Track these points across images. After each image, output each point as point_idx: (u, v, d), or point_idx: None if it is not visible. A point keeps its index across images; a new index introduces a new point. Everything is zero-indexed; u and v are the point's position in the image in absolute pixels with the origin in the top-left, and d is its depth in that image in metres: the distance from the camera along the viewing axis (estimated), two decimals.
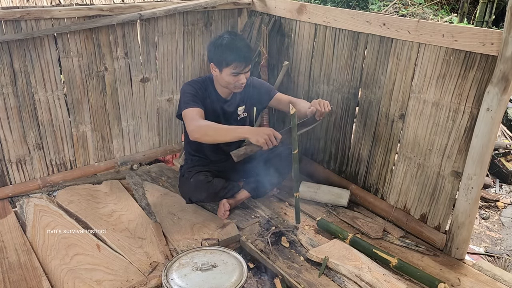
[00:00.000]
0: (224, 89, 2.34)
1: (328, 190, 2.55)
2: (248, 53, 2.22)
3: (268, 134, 1.98)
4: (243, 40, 2.26)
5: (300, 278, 1.92)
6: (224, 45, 2.18)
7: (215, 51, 2.21)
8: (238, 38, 2.23)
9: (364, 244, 2.10)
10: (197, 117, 2.17)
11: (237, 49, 2.17)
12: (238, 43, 2.18)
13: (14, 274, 1.91)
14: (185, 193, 2.46)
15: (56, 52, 2.44)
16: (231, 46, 2.17)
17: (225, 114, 2.40)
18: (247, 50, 2.22)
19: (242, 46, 2.19)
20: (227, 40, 2.19)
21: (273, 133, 2.00)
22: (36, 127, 2.50)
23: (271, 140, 1.99)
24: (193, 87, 2.30)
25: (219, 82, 2.30)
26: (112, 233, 2.22)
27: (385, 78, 2.27)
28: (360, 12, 2.36)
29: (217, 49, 2.19)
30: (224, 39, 2.20)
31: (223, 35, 2.25)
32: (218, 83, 2.32)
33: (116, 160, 2.86)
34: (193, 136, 2.13)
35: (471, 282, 1.95)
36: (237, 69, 2.19)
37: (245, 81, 2.26)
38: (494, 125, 1.84)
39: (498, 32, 1.77)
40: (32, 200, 2.47)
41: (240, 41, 2.21)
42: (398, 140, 2.30)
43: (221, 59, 2.19)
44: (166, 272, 1.78)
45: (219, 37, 2.24)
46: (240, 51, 2.17)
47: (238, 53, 2.16)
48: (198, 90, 2.29)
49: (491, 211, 3.06)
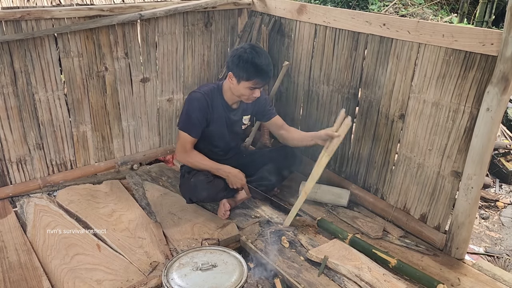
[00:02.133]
0: (233, 97, 2.34)
1: (328, 190, 2.55)
2: (270, 72, 2.22)
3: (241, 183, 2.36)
4: (267, 58, 2.23)
5: (300, 278, 1.92)
6: (250, 61, 2.16)
7: (238, 64, 2.19)
8: (264, 56, 2.20)
9: (363, 244, 2.10)
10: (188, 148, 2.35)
11: (261, 68, 2.17)
12: (263, 62, 2.17)
13: (14, 274, 1.91)
14: (186, 193, 2.46)
15: (57, 52, 2.44)
16: (257, 63, 2.16)
17: (231, 122, 2.42)
18: (270, 69, 2.22)
19: (266, 65, 2.19)
20: (253, 55, 2.16)
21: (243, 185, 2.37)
22: (36, 127, 2.50)
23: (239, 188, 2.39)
24: (199, 104, 2.30)
25: (232, 91, 2.30)
26: (112, 233, 2.22)
27: (385, 78, 2.27)
28: (360, 12, 2.36)
29: (241, 63, 2.17)
30: (250, 53, 2.17)
31: (248, 48, 2.21)
32: (230, 92, 2.32)
33: (117, 160, 2.86)
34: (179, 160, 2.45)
35: (471, 282, 1.95)
36: (257, 86, 2.22)
37: (259, 95, 2.28)
38: (494, 125, 1.84)
39: (498, 32, 1.77)
40: (33, 200, 2.47)
41: (265, 59, 2.20)
42: (398, 140, 2.30)
43: (243, 73, 2.19)
44: (166, 272, 1.78)
45: (245, 51, 2.19)
46: (264, 70, 2.18)
47: (261, 72, 2.18)
48: (202, 109, 2.30)
49: (491, 211, 3.06)
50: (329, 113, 2.65)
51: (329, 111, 2.65)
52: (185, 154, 2.35)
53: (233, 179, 2.33)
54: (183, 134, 2.33)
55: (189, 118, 2.30)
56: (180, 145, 2.36)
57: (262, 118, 2.56)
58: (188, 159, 2.36)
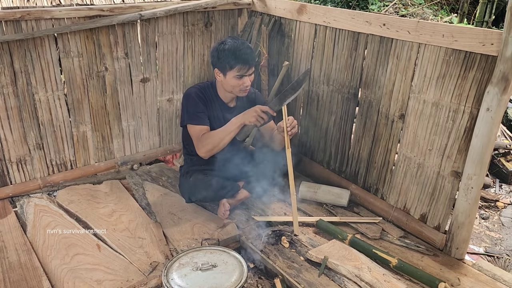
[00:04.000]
0: (227, 94, 2.36)
1: (328, 190, 2.55)
2: (251, 55, 2.25)
3: (256, 111, 2.17)
4: (245, 43, 2.28)
5: (300, 278, 1.92)
6: (227, 50, 2.21)
7: (218, 56, 2.24)
8: (240, 42, 2.26)
9: (363, 244, 2.10)
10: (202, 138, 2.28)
11: (240, 52, 2.20)
12: (240, 46, 2.22)
13: (14, 274, 1.91)
14: (185, 192, 2.46)
15: (57, 52, 2.44)
16: (234, 49, 2.20)
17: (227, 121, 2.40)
18: (250, 52, 2.25)
19: (245, 48, 2.23)
20: (230, 44, 2.22)
21: (260, 109, 2.18)
22: (36, 127, 2.50)
23: (262, 116, 2.17)
24: (196, 97, 2.32)
25: (223, 87, 2.33)
26: (112, 233, 2.22)
27: (385, 78, 2.27)
28: (360, 12, 2.36)
29: (220, 54, 2.23)
30: (226, 43, 2.24)
31: (225, 40, 2.28)
32: (222, 88, 2.35)
33: (117, 160, 2.86)
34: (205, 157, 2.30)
35: (471, 282, 1.95)
36: (241, 71, 2.23)
37: (249, 84, 2.29)
38: (494, 125, 1.84)
39: (498, 32, 1.77)
40: (33, 200, 2.47)
41: (243, 44, 2.25)
42: (398, 140, 2.30)
43: (225, 63, 2.22)
44: (166, 272, 1.78)
45: (221, 43, 2.27)
46: (243, 53, 2.21)
47: (241, 56, 2.20)
48: (200, 100, 2.32)
49: (491, 211, 3.06)
50: (329, 113, 2.65)
51: (329, 111, 2.65)
52: (201, 143, 2.27)
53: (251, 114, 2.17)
54: (194, 127, 2.30)
55: (192, 110, 2.32)
56: (197, 140, 2.30)
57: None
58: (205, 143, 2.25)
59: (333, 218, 2.39)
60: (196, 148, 2.33)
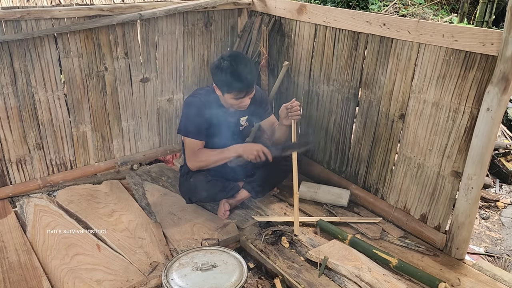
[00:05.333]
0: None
1: (328, 190, 2.55)
2: (249, 80, 2.18)
3: (258, 150, 2.21)
4: (245, 65, 2.17)
5: (300, 278, 1.92)
6: (226, 72, 2.14)
7: (217, 75, 2.19)
8: (241, 64, 2.16)
9: (363, 244, 2.10)
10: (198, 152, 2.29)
11: (238, 78, 2.13)
12: (239, 70, 2.13)
13: (14, 274, 1.91)
14: (185, 193, 2.46)
15: (56, 52, 2.44)
16: (233, 73, 2.13)
17: (228, 124, 2.41)
18: (249, 77, 2.17)
19: (244, 74, 2.14)
20: (229, 66, 2.14)
21: (262, 149, 2.22)
22: (36, 127, 2.50)
23: (260, 156, 2.21)
24: (197, 109, 2.29)
25: (223, 100, 2.30)
26: (112, 233, 2.22)
27: (385, 78, 2.27)
28: (360, 12, 2.36)
29: (219, 74, 2.17)
30: (225, 64, 2.15)
31: (225, 58, 2.18)
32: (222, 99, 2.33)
33: (116, 160, 2.86)
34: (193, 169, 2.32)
35: (471, 282, 1.95)
36: (239, 96, 2.20)
37: (247, 103, 2.27)
38: (494, 125, 1.84)
39: (498, 32, 1.77)
40: (32, 200, 2.47)
41: (242, 68, 2.14)
42: (398, 140, 2.30)
43: (223, 86, 2.19)
44: (166, 272, 1.78)
45: (222, 60, 2.18)
46: (242, 79, 2.14)
47: (239, 82, 2.14)
48: (201, 112, 2.29)
49: (491, 211, 3.06)
50: (329, 113, 2.65)
51: (329, 111, 2.65)
52: (195, 156, 2.29)
53: (251, 151, 2.21)
54: (190, 141, 2.30)
55: (191, 123, 2.29)
56: (190, 152, 2.31)
57: (258, 118, 2.56)
58: (200, 159, 2.28)
59: (333, 218, 2.38)
60: (187, 159, 2.34)
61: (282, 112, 2.30)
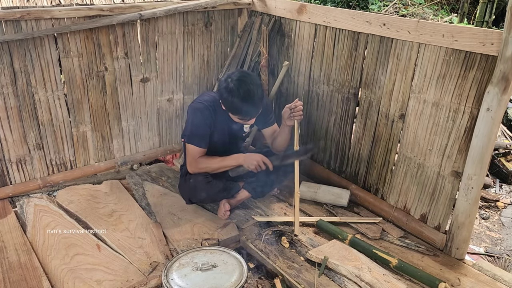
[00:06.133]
0: None
1: (328, 190, 2.55)
2: (256, 106, 2.17)
3: (258, 161, 2.22)
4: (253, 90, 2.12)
5: (300, 278, 1.92)
6: (233, 96, 2.11)
7: (224, 96, 2.16)
8: (249, 90, 2.11)
9: (364, 244, 2.10)
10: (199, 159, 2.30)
11: (245, 104, 2.12)
12: (247, 97, 2.10)
13: (14, 274, 1.91)
14: (185, 194, 2.46)
15: (56, 52, 2.44)
16: (240, 100, 2.11)
17: (232, 131, 2.41)
18: (256, 102, 2.15)
19: (251, 101, 2.12)
20: (237, 92, 2.10)
21: (262, 159, 2.23)
22: (36, 127, 2.50)
23: (261, 166, 2.23)
24: (203, 116, 2.28)
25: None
26: (112, 233, 2.22)
27: (385, 78, 2.27)
28: (360, 12, 2.36)
29: (226, 95, 2.14)
30: (235, 87, 2.11)
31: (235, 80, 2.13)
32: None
33: (116, 160, 2.86)
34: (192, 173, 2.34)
35: (471, 282, 1.95)
36: (244, 119, 2.22)
37: (253, 122, 2.28)
38: (494, 125, 1.84)
39: (498, 32, 1.77)
40: (32, 200, 2.47)
41: (250, 94, 2.11)
42: (398, 140, 2.30)
43: (229, 108, 2.19)
44: (166, 272, 1.78)
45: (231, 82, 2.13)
46: (248, 106, 2.13)
47: (246, 108, 2.14)
48: (206, 119, 2.28)
49: (491, 211, 3.06)
50: (329, 113, 2.65)
51: (329, 111, 2.65)
52: (196, 163, 2.31)
53: (251, 161, 2.22)
54: (192, 147, 2.30)
55: (196, 130, 2.29)
56: (192, 159, 2.32)
57: (260, 126, 2.56)
58: (200, 166, 2.31)
59: (333, 218, 2.39)
60: (188, 163, 2.34)
61: (285, 113, 2.29)
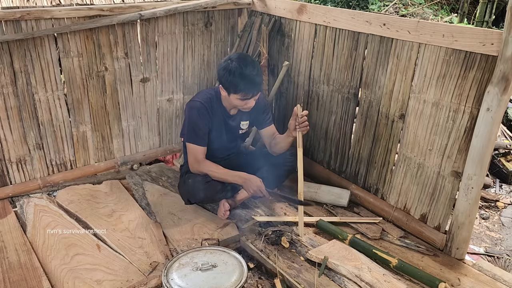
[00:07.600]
0: (229, 105, 2.34)
1: (328, 190, 2.55)
2: (257, 82, 2.20)
3: (257, 187, 2.23)
4: (254, 68, 2.18)
5: (300, 278, 1.92)
6: (234, 73, 2.15)
7: (224, 76, 2.19)
8: (249, 66, 2.17)
9: (364, 244, 2.10)
10: (200, 158, 2.32)
11: (246, 79, 2.15)
12: (247, 72, 2.15)
13: (14, 274, 1.91)
14: (184, 194, 2.45)
15: (56, 52, 2.44)
16: (241, 75, 2.14)
17: (228, 128, 2.42)
18: (257, 79, 2.19)
19: (252, 76, 2.16)
20: (237, 68, 2.15)
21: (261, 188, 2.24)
22: (36, 127, 2.50)
23: (257, 193, 2.25)
24: (200, 114, 2.29)
25: (227, 101, 2.31)
26: (112, 233, 2.22)
27: (385, 78, 2.27)
28: (360, 12, 2.36)
29: (226, 75, 2.17)
30: (234, 65, 2.16)
31: (233, 59, 2.19)
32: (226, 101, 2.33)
33: (116, 160, 2.86)
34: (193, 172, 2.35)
35: (471, 282, 1.95)
36: (245, 97, 2.21)
37: (253, 105, 2.27)
38: (494, 125, 1.84)
39: (498, 32, 1.77)
40: (32, 200, 2.47)
41: (251, 70, 2.16)
42: (398, 140, 2.30)
43: (230, 86, 2.19)
44: (166, 272, 1.78)
45: (230, 61, 2.19)
46: (249, 81, 2.15)
47: (247, 84, 2.15)
48: (204, 117, 2.29)
49: (491, 211, 3.06)
50: (329, 113, 2.65)
51: (329, 111, 2.65)
52: (198, 164, 2.32)
53: (250, 185, 2.25)
54: (192, 146, 2.31)
55: (194, 129, 2.30)
56: (193, 158, 2.33)
57: (258, 126, 2.56)
58: (202, 169, 2.32)
59: (333, 218, 2.39)
60: (190, 163, 2.35)
61: (291, 125, 2.28)
